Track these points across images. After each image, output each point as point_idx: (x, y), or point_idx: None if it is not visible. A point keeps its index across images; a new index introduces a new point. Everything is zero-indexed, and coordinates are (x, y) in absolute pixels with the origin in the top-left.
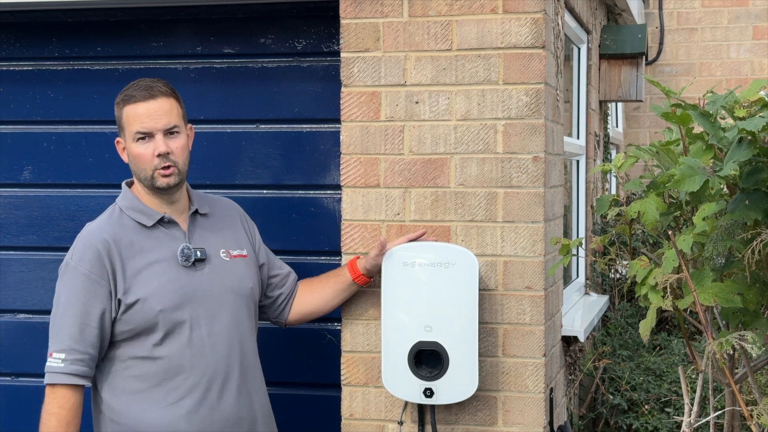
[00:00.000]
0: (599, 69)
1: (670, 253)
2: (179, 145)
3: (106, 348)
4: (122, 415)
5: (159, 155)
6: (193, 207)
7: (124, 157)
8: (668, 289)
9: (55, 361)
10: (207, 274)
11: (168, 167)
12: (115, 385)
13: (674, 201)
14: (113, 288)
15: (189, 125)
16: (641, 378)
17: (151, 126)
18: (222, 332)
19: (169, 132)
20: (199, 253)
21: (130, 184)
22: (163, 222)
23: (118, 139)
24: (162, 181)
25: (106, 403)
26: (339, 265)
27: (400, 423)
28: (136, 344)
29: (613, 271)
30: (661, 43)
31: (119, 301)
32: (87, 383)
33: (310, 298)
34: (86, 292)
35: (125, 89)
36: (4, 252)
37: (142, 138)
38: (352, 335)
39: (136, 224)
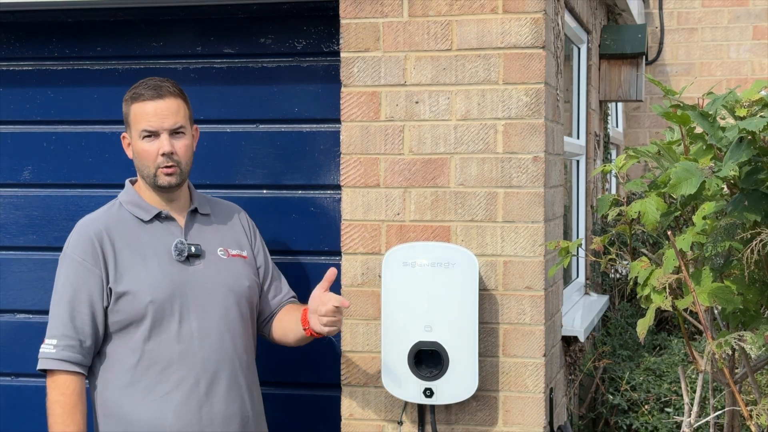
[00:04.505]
0: (599, 69)
1: (671, 252)
2: (183, 145)
3: (101, 339)
4: (113, 409)
5: (163, 154)
6: (192, 205)
7: (129, 153)
8: (668, 289)
9: (47, 347)
10: (201, 270)
11: (171, 166)
12: (106, 379)
13: (674, 201)
14: (105, 276)
15: (195, 126)
16: (641, 378)
17: (157, 125)
18: (213, 328)
19: (175, 132)
20: (193, 249)
21: (133, 182)
22: (160, 217)
23: (123, 134)
24: (164, 180)
25: (100, 398)
26: (339, 265)
27: (400, 423)
28: (125, 336)
29: (613, 271)
30: (661, 43)
31: (110, 291)
32: (82, 371)
33: (279, 327)
34: (79, 279)
35: (134, 87)
36: (4, 252)
37: (148, 136)
38: (352, 335)
39: (133, 218)
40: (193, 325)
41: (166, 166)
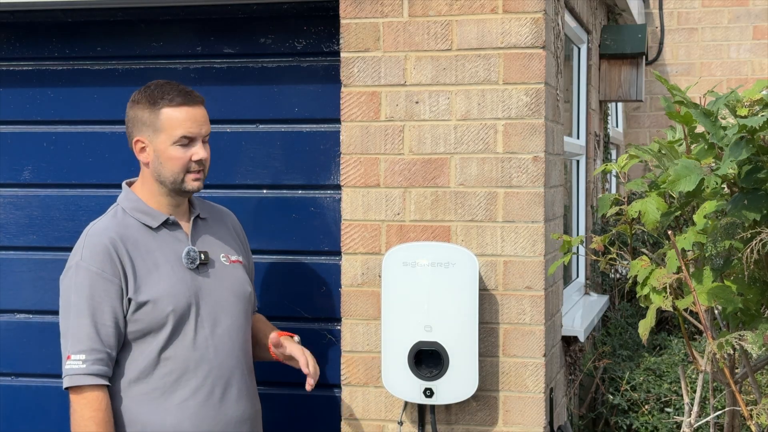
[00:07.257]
0: (599, 69)
1: (673, 253)
2: (209, 153)
3: (120, 348)
4: (129, 417)
5: (198, 161)
6: (195, 211)
7: (142, 157)
8: (668, 289)
9: (75, 362)
10: (209, 277)
11: (199, 171)
12: (121, 387)
13: (674, 201)
14: (124, 287)
15: None
16: (641, 378)
17: (196, 131)
18: (225, 334)
19: (204, 139)
20: (203, 256)
21: (129, 184)
22: (167, 224)
23: (137, 138)
24: (192, 185)
25: (114, 407)
26: (339, 265)
27: (400, 423)
28: (141, 345)
29: (613, 271)
30: (661, 43)
31: (129, 300)
32: (108, 383)
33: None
34: (99, 291)
35: (158, 91)
36: (4, 252)
37: (185, 143)
38: (352, 335)
39: (140, 225)
40: (206, 332)
41: (196, 171)
